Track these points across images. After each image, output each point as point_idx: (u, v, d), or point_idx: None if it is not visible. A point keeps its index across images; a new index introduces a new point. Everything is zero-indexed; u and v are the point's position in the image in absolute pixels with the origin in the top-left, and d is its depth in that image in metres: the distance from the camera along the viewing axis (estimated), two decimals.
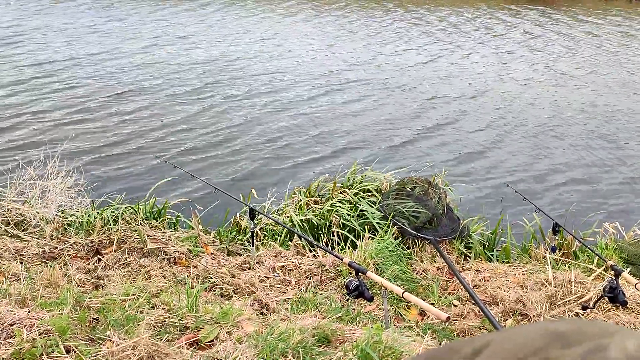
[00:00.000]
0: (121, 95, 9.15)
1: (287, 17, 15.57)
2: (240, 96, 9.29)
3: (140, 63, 10.90)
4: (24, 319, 2.32)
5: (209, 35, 13.36)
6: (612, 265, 3.53)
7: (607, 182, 6.84)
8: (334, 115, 8.64)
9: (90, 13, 15.39)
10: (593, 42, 13.50)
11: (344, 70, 10.90)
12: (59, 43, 12.17)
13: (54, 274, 3.20)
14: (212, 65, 10.95)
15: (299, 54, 11.97)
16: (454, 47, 12.84)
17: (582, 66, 11.52)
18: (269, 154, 7.24)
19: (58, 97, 8.91)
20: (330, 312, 3.08)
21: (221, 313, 2.62)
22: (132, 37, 12.98)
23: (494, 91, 9.95)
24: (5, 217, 4.21)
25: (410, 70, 11.00)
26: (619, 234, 4.81)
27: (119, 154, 7.04)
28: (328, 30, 14.31)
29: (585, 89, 10.15)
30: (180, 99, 9.06)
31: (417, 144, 7.72)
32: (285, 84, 10.00)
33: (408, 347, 2.39)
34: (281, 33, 13.79)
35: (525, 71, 11.12)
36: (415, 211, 4.62)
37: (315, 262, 3.93)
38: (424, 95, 9.62)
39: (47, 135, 7.45)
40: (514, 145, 7.77)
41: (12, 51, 11.44)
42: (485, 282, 3.96)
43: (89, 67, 10.53)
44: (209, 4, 16.93)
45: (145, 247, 3.98)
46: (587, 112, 9.05)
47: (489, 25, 15.14)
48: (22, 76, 9.90)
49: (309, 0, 17.72)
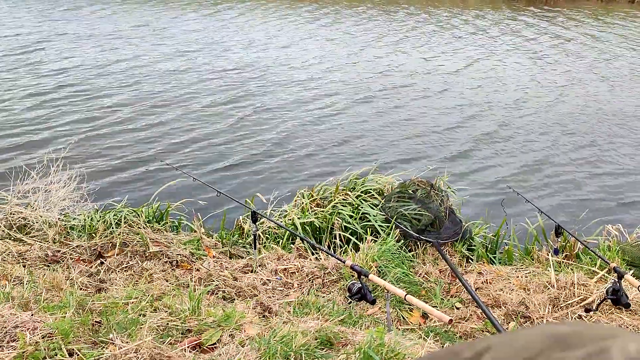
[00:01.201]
0: (122, 98, 9.17)
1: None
2: (242, 99, 9.30)
3: (142, 66, 10.93)
4: (26, 322, 2.32)
5: (216, 39, 13.38)
6: (615, 268, 3.52)
7: (610, 184, 6.83)
8: (335, 118, 8.64)
9: (92, 19, 15.45)
10: (599, 45, 13.49)
11: (344, 74, 10.91)
12: (66, 49, 12.21)
13: (56, 277, 3.21)
14: (216, 69, 10.97)
15: (292, 54, 11.98)
16: (454, 50, 12.84)
17: (589, 69, 11.51)
18: (271, 157, 7.24)
19: (61, 101, 8.93)
20: (332, 315, 3.08)
21: (223, 316, 2.62)
22: (135, 43, 13.01)
23: (495, 94, 9.94)
24: (9, 220, 4.22)
25: (411, 75, 11.00)
26: (622, 236, 4.80)
27: (121, 157, 7.05)
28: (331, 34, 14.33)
29: (588, 91, 10.13)
30: (182, 103, 9.07)
31: (419, 146, 7.72)
32: (285, 85, 10.01)
33: (410, 350, 2.39)
34: (284, 35, 13.82)
35: (526, 74, 11.11)
36: (417, 214, 4.62)
37: (317, 264, 3.93)
38: (426, 98, 9.61)
39: (50, 139, 7.47)
40: (516, 147, 7.76)
41: (20, 57, 11.48)
42: (487, 284, 3.96)
43: (92, 72, 10.56)
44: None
45: (148, 251, 3.99)
46: (591, 114, 9.04)
47: (482, 27, 15.14)
48: (26, 80, 9.94)
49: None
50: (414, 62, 11.80)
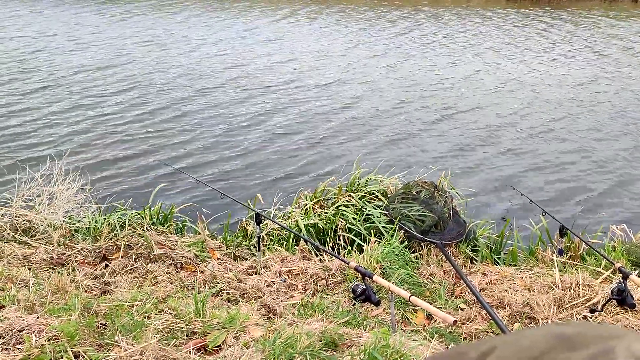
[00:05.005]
0: (125, 101, 9.20)
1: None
2: (244, 100, 9.31)
3: (145, 68, 10.96)
4: (32, 324, 2.33)
5: (216, 39, 13.41)
6: (620, 268, 3.51)
7: (614, 184, 6.81)
8: (336, 118, 8.65)
9: (88, 17, 15.50)
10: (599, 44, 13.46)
11: (343, 74, 10.91)
12: (72, 51, 12.25)
13: (61, 280, 3.21)
14: (216, 70, 10.99)
15: (292, 55, 12.00)
16: (453, 53, 12.83)
17: (590, 68, 11.48)
18: (274, 158, 7.25)
19: (65, 104, 8.97)
20: (337, 316, 3.08)
21: (228, 318, 2.62)
22: (139, 46, 13.05)
23: (498, 94, 9.93)
24: (14, 223, 4.24)
25: (410, 75, 11.00)
26: (627, 236, 4.79)
27: (125, 160, 7.07)
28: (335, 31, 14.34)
29: (594, 91, 10.11)
30: (186, 105, 9.09)
31: (422, 147, 7.71)
32: (285, 87, 10.02)
33: (415, 351, 2.39)
34: (283, 36, 13.84)
35: (527, 74, 11.09)
36: (421, 215, 4.61)
37: (321, 266, 3.93)
38: (429, 98, 9.61)
39: (54, 142, 7.50)
40: (520, 147, 7.75)
41: (24, 57, 11.53)
42: (492, 285, 3.95)
43: (94, 74, 10.60)
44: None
45: (152, 253, 4.00)
46: (596, 114, 9.02)
47: (485, 27, 15.13)
48: (30, 83, 9.98)
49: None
50: (416, 63, 11.79)
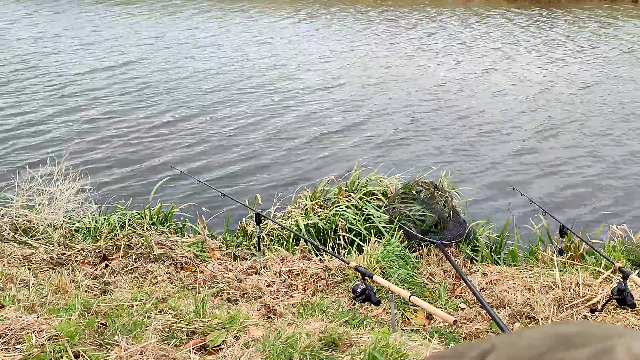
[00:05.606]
0: (125, 102, 9.20)
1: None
2: (244, 100, 9.31)
3: (146, 69, 10.97)
4: (32, 324, 2.33)
5: (217, 40, 13.42)
6: (620, 268, 3.51)
7: (615, 183, 6.81)
8: (337, 118, 8.65)
9: (89, 20, 15.51)
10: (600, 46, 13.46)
11: (345, 75, 10.92)
12: (75, 53, 12.26)
13: (62, 280, 3.22)
14: (215, 71, 10.99)
15: (292, 56, 12.00)
16: (455, 53, 12.83)
17: (594, 67, 11.48)
18: (274, 158, 7.25)
19: (65, 105, 8.97)
20: (337, 316, 3.08)
21: (228, 318, 2.62)
22: (139, 48, 13.06)
23: (499, 93, 9.93)
24: (14, 223, 4.24)
25: (412, 76, 11.01)
26: (627, 236, 4.79)
27: (125, 160, 7.07)
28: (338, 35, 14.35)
29: (596, 91, 10.11)
30: (186, 106, 9.09)
31: (422, 147, 7.71)
32: (285, 87, 10.03)
33: (415, 350, 2.39)
34: (284, 35, 13.84)
35: (523, 73, 11.09)
36: (421, 215, 4.61)
37: (321, 266, 3.93)
38: (428, 100, 9.61)
39: (54, 142, 7.50)
40: (520, 148, 7.75)
41: (28, 58, 11.54)
42: (492, 285, 3.95)
43: (94, 75, 10.60)
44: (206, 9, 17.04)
45: (152, 253, 4.00)
46: (597, 114, 9.02)
47: (487, 27, 15.13)
48: (31, 84, 9.98)
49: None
50: (417, 63, 11.79)
